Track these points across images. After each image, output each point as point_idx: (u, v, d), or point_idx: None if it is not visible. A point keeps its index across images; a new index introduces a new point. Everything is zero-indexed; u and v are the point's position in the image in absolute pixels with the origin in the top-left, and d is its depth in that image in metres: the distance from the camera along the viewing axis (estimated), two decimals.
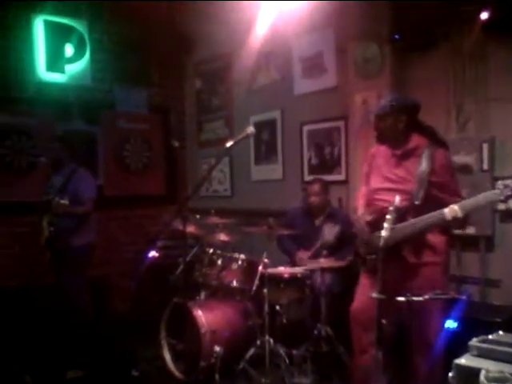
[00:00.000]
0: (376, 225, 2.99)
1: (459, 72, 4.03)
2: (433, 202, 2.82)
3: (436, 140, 3.07)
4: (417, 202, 2.84)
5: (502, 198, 2.52)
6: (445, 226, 2.89)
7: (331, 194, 4.58)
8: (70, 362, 4.08)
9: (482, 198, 2.62)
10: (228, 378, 3.64)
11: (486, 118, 3.89)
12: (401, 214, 2.74)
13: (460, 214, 2.64)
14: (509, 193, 2.49)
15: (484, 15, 3.65)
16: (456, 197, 2.86)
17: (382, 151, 3.20)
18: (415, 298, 2.40)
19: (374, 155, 3.29)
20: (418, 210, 2.83)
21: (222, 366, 3.57)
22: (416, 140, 3.04)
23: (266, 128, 5.68)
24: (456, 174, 3.15)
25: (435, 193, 2.90)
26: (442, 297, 2.50)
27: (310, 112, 5.18)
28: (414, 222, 2.82)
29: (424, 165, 2.92)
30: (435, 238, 2.95)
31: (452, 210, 2.66)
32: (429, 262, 2.93)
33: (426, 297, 2.39)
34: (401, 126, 3.04)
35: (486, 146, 3.83)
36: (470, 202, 2.66)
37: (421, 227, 2.81)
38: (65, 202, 4.01)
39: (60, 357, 4.13)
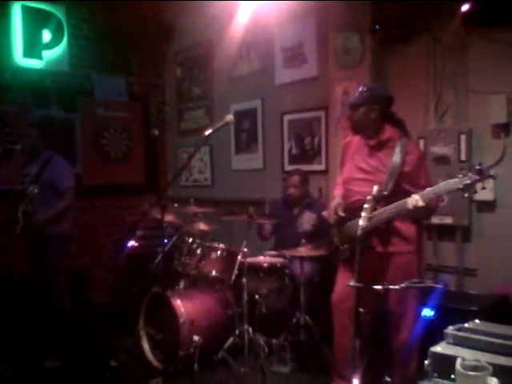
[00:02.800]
0: (348, 215, 3.02)
1: (439, 63, 4.06)
2: (403, 192, 2.84)
3: (406, 132, 3.10)
4: (385, 193, 2.85)
5: (460, 186, 2.53)
6: (413, 216, 2.91)
7: (311, 183, 4.59)
8: (47, 352, 4.04)
9: (441, 186, 2.64)
10: (207, 368, 3.63)
11: (465, 110, 3.93)
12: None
13: (421, 203, 2.66)
14: (467, 181, 2.51)
15: (464, 7, 3.66)
16: (424, 188, 2.83)
17: (355, 141, 3.22)
18: (392, 287, 2.41)
19: (347, 145, 3.31)
20: (388, 201, 2.85)
21: (201, 356, 3.57)
22: (389, 131, 3.06)
23: (246, 117, 5.66)
24: (427, 165, 3.19)
25: (405, 184, 2.92)
26: (419, 285, 2.52)
27: (290, 102, 5.17)
28: (380, 212, 2.84)
29: (396, 156, 2.94)
30: (406, 228, 2.98)
31: (413, 199, 2.68)
32: (401, 252, 2.97)
33: (403, 285, 2.41)
34: (373, 116, 3.04)
35: (463, 137, 3.86)
36: (429, 191, 2.68)
37: (386, 216, 2.84)
38: (33, 190, 3.96)
39: (37, 347, 4.08)
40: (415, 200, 2.67)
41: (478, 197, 3.73)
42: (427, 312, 3.16)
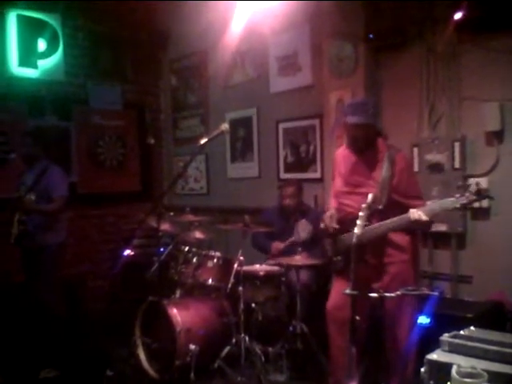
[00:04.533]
0: (341, 228, 3.03)
1: (432, 71, 4.08)
2: (396, 205, 2.85)
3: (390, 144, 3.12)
4: (380, 207, 2.85)
5: (457, 206, 2.58)
6: (411, 228, 2.93)
7: (307, 191, 4.60)
8: (43, 361, 4.02)
9: (437, 205, 2.70)
10: (203, 377, 3.61)
11: (458, 117, 3.95)
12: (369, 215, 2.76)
13: (424, 218, 2.69)
14: (464, 201, 2.56)
15: (457, 15, 3.69)
16: (416, 199, 2.92)
17: (345, 154, 3.21)
18: (388, 294, 2.42)
19: (337, 157, 3.30)
20: (382, 214, 2.86)
21: (198, 365, 3.55)
22: (378, 144, 3.07)
23: (241, 126, 5.68)
24: (416, 175, 3.21)
25: (396, 196, 2.93)
26: (414, 293, 2.53)
27: (285, 110, 5.20)
28: (376, 226, 2.85)
29: (386, 169, 2.95)
30: (399, 237, 2.99)
31: (415, 214, 2.70)
32: (395, 261, 2.98)
33: (399, 293, 2.41)
34: (374, 132, 3.06)
35: (457, 145, 3.88)
36: (428, 207, 2.71)
37: (384, 230, 2.86)
38: (30, 197, 3.95)
39: (33, 357, 4.06)
40: (418, 215, 2.69)
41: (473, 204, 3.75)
42: (423, 319, 3.16)
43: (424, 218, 2.69)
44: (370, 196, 2.68)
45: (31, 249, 4.21)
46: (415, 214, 2.71)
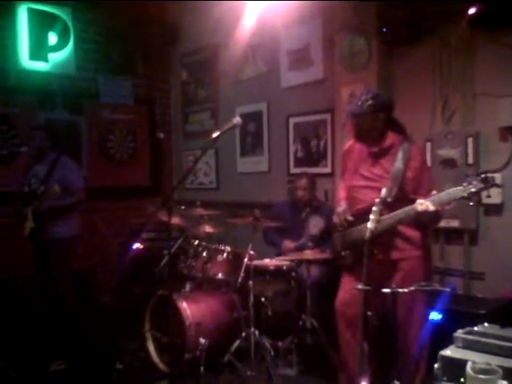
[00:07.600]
0: (353, 222, 3.00)
1: (445, 66, 4.04)
2: (407, 199, 2.81)
3: (407, 137, 3.07)
4: (389, 199, 2.80)
5: (465, 194, 2.52)
6: (420, 222, 2.87)
7: (317, 186, 4.58)
8: (52, 354, 4.03)
9: (444, 194, 2.62)
10: (213, 371, 3.62)
11: (472, 113, 3.91)
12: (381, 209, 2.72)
13: (431, 208, 2.62)
14: (472, 190, 2.50)
15: (471, 10, 3.65)
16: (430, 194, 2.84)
17: (356, 148, 3.17)
18: (400, 290, 2.40)
19: (348, 151, 3.26)
20: (392, 208, 2.82)
21: (207, 358, 3.56)
22: (391, 137, 3.02)
23: (252, 120, 5.66)
24: (431, 169, 3.16)
25: (409, 189, 2.89)
26: (427, 289, 2.51)
27: (296, 104, 5.17)
28: (386, 218, 2.80)
29: (399, 162, 2.90)
30: (411, 233, 2.94)
31: (423, 205, 2.64)
32: (407, 257, 2.94)
33: (412, 288, 2.39)
34: (379, 125, 3.00)
35: (470, 140, 3.84)
36: (435, 197, 2.67)
37: (394, 221, 2.80)
38: (56, 188, 3.94)
39: (43, 349, 4.08)
40: (425, 205, 2.64)
41: (486, 200, 3.71)
42: (435, 316, 3.14)
43: (431, 208, 2.62)
44: (383, 190, 2.65)
45: (44, 242, 4.21)
46: (422, 204, 2.65)
